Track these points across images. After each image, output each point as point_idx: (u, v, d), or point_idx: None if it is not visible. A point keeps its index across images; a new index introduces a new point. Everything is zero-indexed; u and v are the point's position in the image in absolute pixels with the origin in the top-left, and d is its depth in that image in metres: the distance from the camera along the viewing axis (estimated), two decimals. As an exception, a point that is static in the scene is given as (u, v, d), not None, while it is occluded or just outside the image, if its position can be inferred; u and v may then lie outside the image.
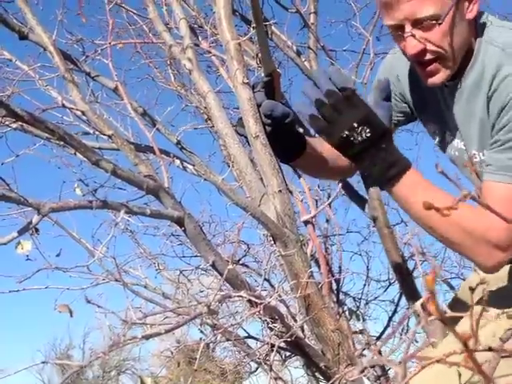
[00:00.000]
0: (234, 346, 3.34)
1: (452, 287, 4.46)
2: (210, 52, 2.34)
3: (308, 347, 2.09)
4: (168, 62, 3.71)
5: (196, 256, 3.79)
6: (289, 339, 2.04)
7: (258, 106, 1.87)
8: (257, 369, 4.05)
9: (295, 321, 2.15)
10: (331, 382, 1.55)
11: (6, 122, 1.75)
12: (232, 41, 2.23)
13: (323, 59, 3.17)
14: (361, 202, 3.18)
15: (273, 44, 2.93)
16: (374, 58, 3.14)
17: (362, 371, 1.16)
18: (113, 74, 1.93)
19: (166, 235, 3.67)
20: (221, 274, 1.94)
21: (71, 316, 3.42)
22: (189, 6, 2.51)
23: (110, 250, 3.67)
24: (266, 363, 3.26)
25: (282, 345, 2.25)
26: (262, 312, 1.74)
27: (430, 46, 1.45)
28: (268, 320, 1.98)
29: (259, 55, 1.65)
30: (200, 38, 2.57)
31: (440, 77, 1.50)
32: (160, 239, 4.03)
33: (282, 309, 2.61)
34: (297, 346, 2.07)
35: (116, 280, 3.16)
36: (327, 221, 3.51)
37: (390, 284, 4.21)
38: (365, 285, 3.95)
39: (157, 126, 2.16)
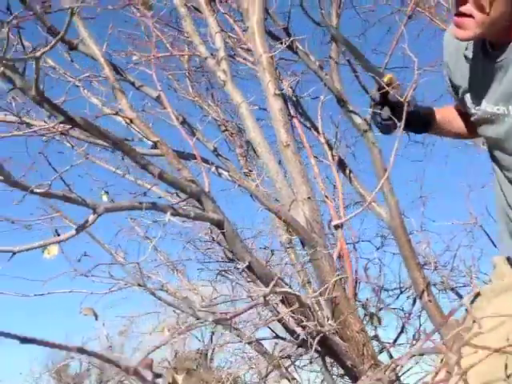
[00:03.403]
0: (253, 349, 3.39)
1: (460, 295, 4.53)
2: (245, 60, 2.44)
3: (336, 346, 2.18)
4: (187, 74, 3.81)
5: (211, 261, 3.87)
6: (318, 338, 2.13)
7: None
8: (268, 373, 4.09)
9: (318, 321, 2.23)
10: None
11: (54, 128, 1.85)
12: (264, 54, 2.34)
13: (344, 71, 3.24)
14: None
15: (295, 57, 3.03)
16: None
17: (411, 357, 1.23)
18: (156, 84, 2.04)
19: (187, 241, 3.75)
20: (255, 274, 2.04)
21: (96, 319, 3.51)
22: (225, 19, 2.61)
23: (130, 257, 3.78)
24: (284, 366, 3.35)
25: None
26: (298, 309, 1.83)
27: (468, 6, 1.54)
28: (300, 319, 2.06)
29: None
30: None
31: (466, 33, 1.58)
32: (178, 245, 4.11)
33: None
34: (325, 345, 2.15)
35: (139, 285, 3.24)
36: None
37: (402, 292, 4.31)
38: (380, 290, 4.04)
39: (196, 134, 2.26)
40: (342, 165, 2.85)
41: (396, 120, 1.99)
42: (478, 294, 2.06)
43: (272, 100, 2.29)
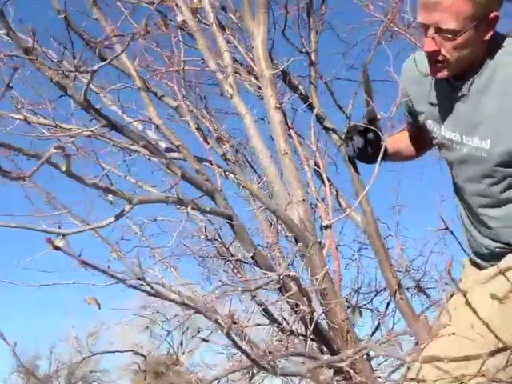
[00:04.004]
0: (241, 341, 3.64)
1: (428, 297, 4.87)
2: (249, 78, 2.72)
3: (325, 331, 2.48)
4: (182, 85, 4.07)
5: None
6: (308, 325, 2.42)
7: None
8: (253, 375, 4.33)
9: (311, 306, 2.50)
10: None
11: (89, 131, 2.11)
12: (267, 70, 2.64)
13: (321, 90, 3.48)
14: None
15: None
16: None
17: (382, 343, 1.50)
18: (177, 95, 2.32)
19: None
20: (257, 264, 2.33)
21: (99, 308, 3.76)
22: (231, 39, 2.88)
23: (127, 253, 4.03)
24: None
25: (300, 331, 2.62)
26: (295, 294, 2.12)
27: (442, 51, 1.79)
28: (295, 303, 2.35)
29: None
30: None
31: (441, 74, 1.89)
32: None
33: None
34: (316, 330, 2.45)
35: (137, 278, 3.47)
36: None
37: (377, 293, 4.64)
38: (357, 290, 4.37)
39: (209, 141, 2.54)
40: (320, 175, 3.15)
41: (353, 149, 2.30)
42: (452, 295, 2.37)
43: (273, 113, 2.59)
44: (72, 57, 1.71)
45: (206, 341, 5.05)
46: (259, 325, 3.18)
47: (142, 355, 6.22)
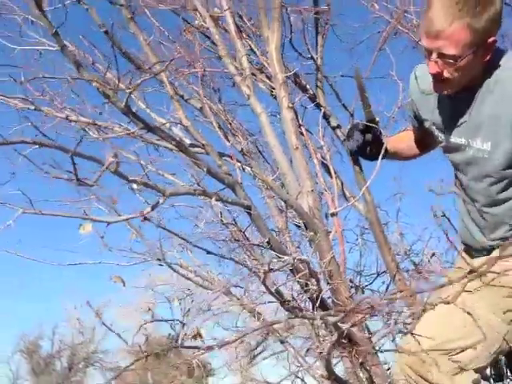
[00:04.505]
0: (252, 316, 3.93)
1: (425, 278, 5.15)
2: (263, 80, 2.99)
3: (331, 308, 2.78)
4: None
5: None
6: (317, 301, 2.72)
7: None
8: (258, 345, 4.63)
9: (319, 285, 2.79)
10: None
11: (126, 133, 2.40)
12: (280, 73, 2.92)
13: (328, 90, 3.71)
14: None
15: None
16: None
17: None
18: (201, 97, 2.60)
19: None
20: (272, 249, 2.62)
21: (124, 285, 4.06)
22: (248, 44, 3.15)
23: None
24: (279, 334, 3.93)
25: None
26: (306, 275, 2.41)
27: (444, 73, 2.01)
28: (305, 283, 2.65)
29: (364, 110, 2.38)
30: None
31: (445, 91, 2.14)
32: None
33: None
34: (323, 306, 2.75)
35: (158, 259, 3.81)
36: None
37: (378, 275, 4.94)
38: (360, 272, 4.69)
39: (229, 138, 2.83)
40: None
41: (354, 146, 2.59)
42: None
43: (285, 112, 2.88)
44: (116, 69, 1.98)
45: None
46: (271, 302, 3.47)
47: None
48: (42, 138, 1.70)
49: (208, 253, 2.68)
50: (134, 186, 3.12)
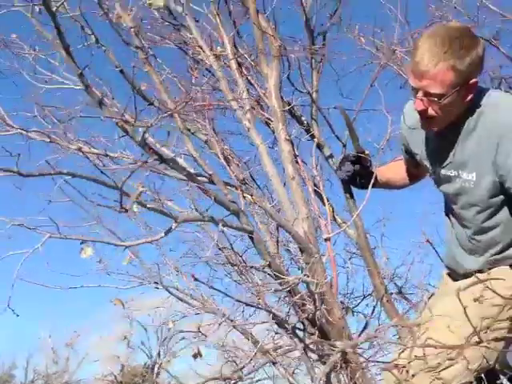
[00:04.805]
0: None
1: (409, 301, 5.39)
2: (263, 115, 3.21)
3: (326, 327, 2.97)
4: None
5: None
6: (310, 321, 2.92)
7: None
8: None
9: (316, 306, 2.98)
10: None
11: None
12: (278, 108, 3.14)
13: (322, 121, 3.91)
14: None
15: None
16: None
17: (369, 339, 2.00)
18: (209, 131, 2.80)
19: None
20: (272, 270, 2.81)
21: (123, 308, 4.20)
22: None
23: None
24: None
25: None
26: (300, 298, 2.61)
27: (430, 111, 2.13)
28: (302, 303, 2.85)
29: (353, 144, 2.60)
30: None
31: (431, 128, 2.24)
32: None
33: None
34: (319, 327, 2.94)
35: (155, 282, 3.98)
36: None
37: (364, 297, 5.15)
38: (345, 296, 4.90)
39: (231, 167, 3.03)
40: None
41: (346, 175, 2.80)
42: (432, 295, 2.80)
43: (283, 144, 3.09)
44: (134, 107, 2.17)
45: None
46: (264, 322, 3.65)
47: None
48: (75, 171, 1.88)
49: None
50: (135, 208, 3.25)
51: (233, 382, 1.82)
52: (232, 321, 3.99)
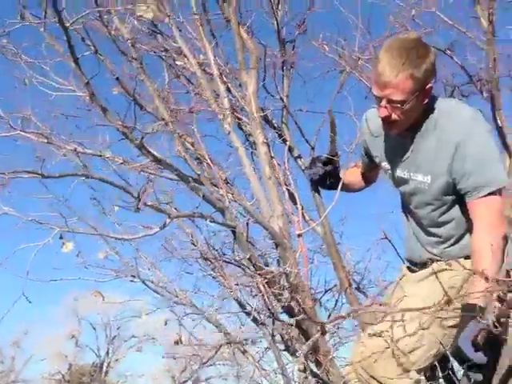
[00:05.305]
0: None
1: (366, 295, 5.73)
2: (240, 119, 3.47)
3: (300, 315, 3.24)
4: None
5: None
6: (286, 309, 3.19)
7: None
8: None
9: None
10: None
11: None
12: (256, 113, 3.40)
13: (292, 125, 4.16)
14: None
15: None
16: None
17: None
18: (196, 135, 3.04)
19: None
20: (254, 266, 3.06)
21: (103, 299, 4.38)
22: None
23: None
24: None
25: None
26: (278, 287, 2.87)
27: (393, 116, 2.33)
28: (279, 293, 3.10)
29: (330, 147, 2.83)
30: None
31: (394, 131, 2.45)
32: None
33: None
34: (294, 315, 3.21)
35: (132, 276, 4.18)
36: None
37: (326, 291, 5.45)
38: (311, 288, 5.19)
39: (219, 173, 3.26)
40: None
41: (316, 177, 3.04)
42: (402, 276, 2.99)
43: (261, 146, 3.34)
44: (134, 115, 2.39)
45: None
46: (242, 311, 3.88)
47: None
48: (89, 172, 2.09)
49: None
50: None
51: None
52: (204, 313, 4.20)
